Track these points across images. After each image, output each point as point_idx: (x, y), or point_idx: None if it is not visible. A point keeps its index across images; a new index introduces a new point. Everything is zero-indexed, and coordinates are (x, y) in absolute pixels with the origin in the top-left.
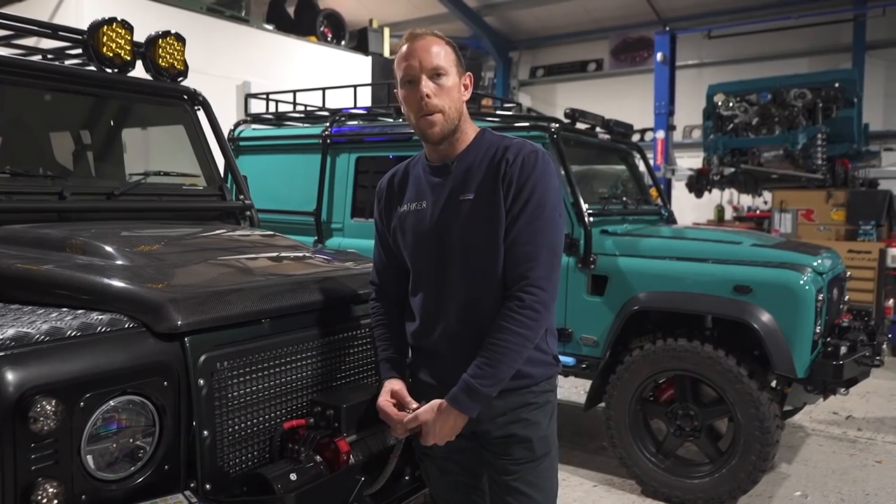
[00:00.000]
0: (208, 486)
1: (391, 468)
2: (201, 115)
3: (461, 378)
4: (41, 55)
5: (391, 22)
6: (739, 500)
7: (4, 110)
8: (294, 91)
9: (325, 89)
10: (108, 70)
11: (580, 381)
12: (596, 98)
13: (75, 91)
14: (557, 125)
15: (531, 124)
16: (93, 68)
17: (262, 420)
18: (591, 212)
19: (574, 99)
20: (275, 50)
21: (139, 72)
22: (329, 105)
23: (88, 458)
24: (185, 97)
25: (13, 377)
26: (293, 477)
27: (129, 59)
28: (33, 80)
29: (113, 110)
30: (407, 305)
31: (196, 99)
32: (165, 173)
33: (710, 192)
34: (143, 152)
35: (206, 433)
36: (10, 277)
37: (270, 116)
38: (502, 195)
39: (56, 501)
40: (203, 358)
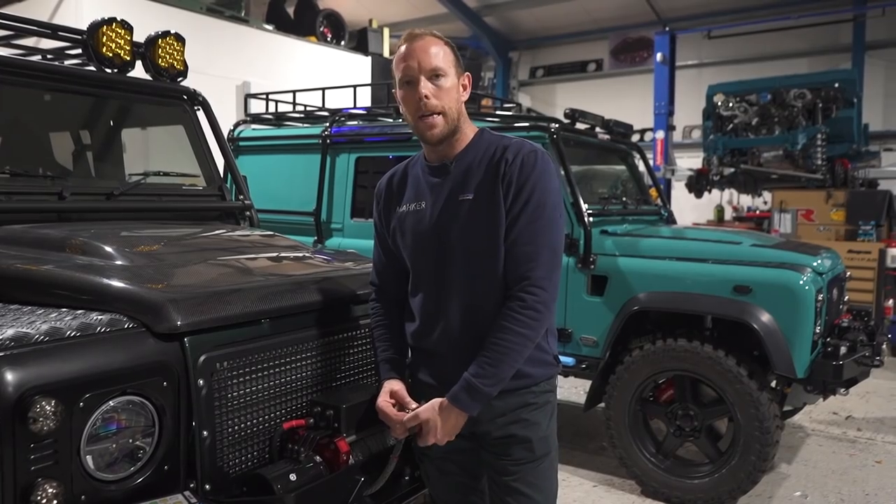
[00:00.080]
0: (208, 486)
1: (391, 469)
2: (201, 115)
3: (462, 377)
4: (41, 55)
5: (391, 22)
6: (739, 500)
7: (4, 110)
8: (294, 91)
9: (324, 89)
10: (108, 70)
11: (580, 381)
12: (596, 98)
13: (75, 91)
14: (557, 125)
15: (531, 124)
16: (92, 68)
17: (262, 420)
18: (591, 212)
19: (574, 99)
20: (274, 50)
21: (139, 72)
22: (329, 105)
23: (88, 458)
24: (184, 97)
25: (13, 377)
26: (293, 477)
27: (128, 59)
28: (33, 80)
29: (112, 110)
30: (407, 306)
31: (196, 99)
32: (165, 173)
33: (710, 192)
34: (142, 152)
35: (205, 433)
36: (9, 277)
37: (270, 116)
38: (502, 195)
39: (56, 502)
40: (203, 358)
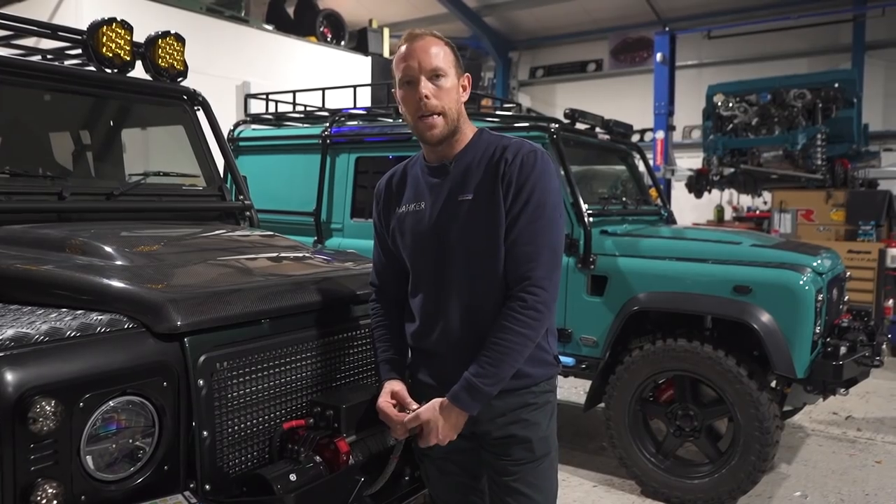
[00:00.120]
0: (208, 486)
1: (391, 469)
2: (201, 115)
3: (463, 376)
4: (41, 55)
5: (391, 22)
6: (739, 500)
7: (4, 110)
8: (294, 91)
9: (324, 89)
10: (108, 70)
11: (580, 382)
12: (595, 98)
13: (75, 91)
14: (557, 125)
15: (531, 124)
16: (92, 68)
17: (262, 420)
18: (591, 212)
19: (574, 99)
20: (274, 50)
21: (139, 72)
22: (329, 105)
23: (88, 458)
24: (184, 97)
25: (12, 377)
26: (293, 477)
27: (128, 59)
28: (33, 80)
29: (112, 110)
30: (406, 306)
31: (196, 99)
32: (165, 173)
33: (710, 192)
34: (142, 152)
35: (205, 433)
36: (9, 278)
37: (270, 117)
38: (501, 195)
39: (55, 502)
40: (203, 358)
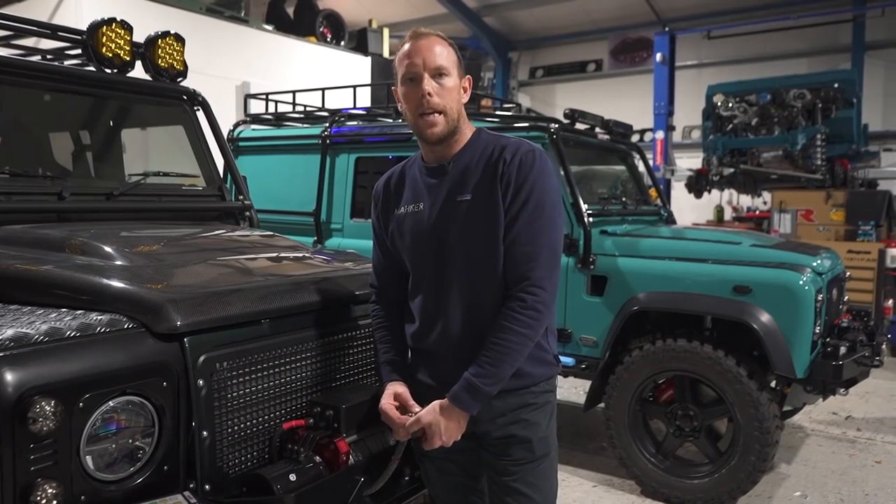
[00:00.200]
0: (208, 486)
1: (392, 470)
2: (201, 115)
3: (462, 376)
4: (41, 55)
5: (390, 22)
6: (739, 500)
7: (4, 110)
8: (293, 91)
9: (324, 90)
10: (108, 70)
11: (580, 382)
12: (595, 98)
13: (75, 91)
14: (557, 125)
15: (530, 125)
16: (92, 69)
17: (262, 420)
18: (591, 212)
19: (573, 99)
20: (274, 50)
21: (138, 72)
22: (328, 105)
23: (88, 458)
24: (184, 97)
25: (12, 378)
26: (292, 477)
27: (128, 59)
28: (33, 80)
29: (112, 111)
30: (406, 307)
31: (195, 99)
32: (165, 174)
33: (710, 192)
34: (142, 153)
35: (205, 434)
36: (9, 278)
37: (270, 117)
38: (500, 195)
39: (55, 502)
40: (202, 358)
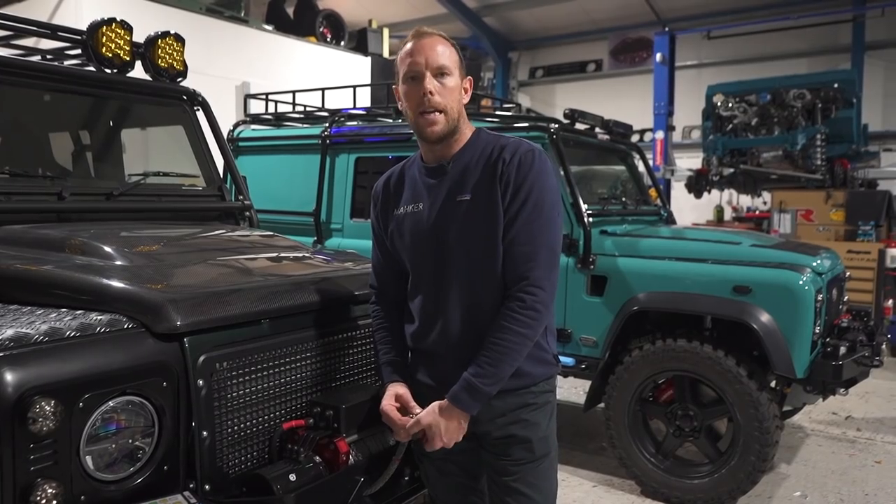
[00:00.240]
0: (207, 486)
1: (392, 470)
2: (200, 115)
3: (462, 376)
4: (41, 55)
5: (390, 22)
6: (739, 500)
7: (4, 110)
8: (293, 91)
9: (324, 90)
10: (108, 70)
11: (580, 382)
12: (595, 98)
13: (74, 91)
14: (557, 126)
15: (530, 125)
16: (92, 69)
17: (262, 421)
18: (591, 212)
19: (573, 99)
20: (274, 50)
21: (138, 72)
22: (328, 105)
23: (87, 458)
24: (184, 98)
25: (12, 378)
26: (292, 477)
27: (128, 59)
28: (33, 80)
29: (112, 111)
30: (406, 308)
31: (195, 99)
32: (165, 174)
33: (710, 192)
34: (142, 153)
35: (205, 434)
36: (9, 278)
37: (270, 117)
38: (500, 194)
39: (55, 502)
40: (202, 358)
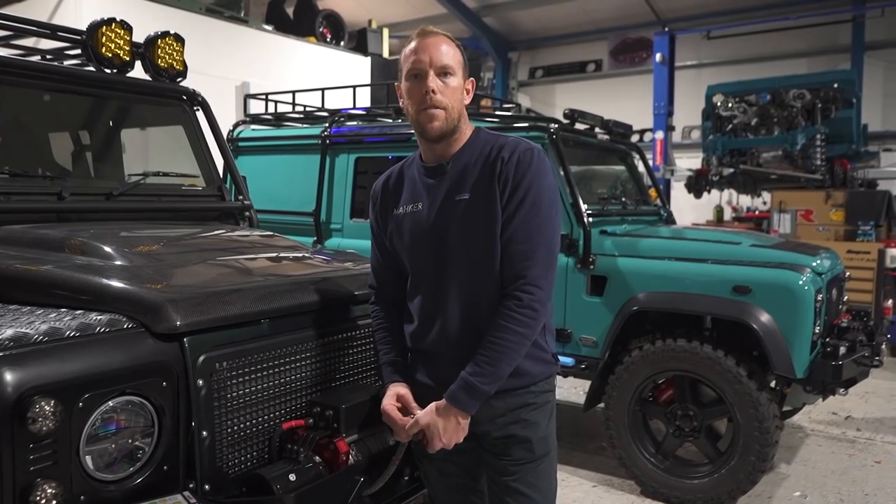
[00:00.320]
0: (207, 486)
1: (392, 470)
2: (200, 115)
3: (460, 376)
4: (40, 55)
5: (390, 23)
6: (739, 500)
7: (4, 110)
8: (293, 91)
9: (324, 90)
10: (107, 70)
11: (580, 382)
12: (595, 98)
13: (74, 91)
14: (556, 126)
15: (530, 125)
16: (92, 69)
17: (262, 420)
18: (591, 212)
19: (573, 99)
20: (274, 50)
21: (138, 72)
22: (328, 105)
23: (87, 458)
24: (184, 98)
25: (12, 378)
26: (292, 477)
27: (128, 59)
28: (32, 80)
29: (112, 111)
30: (405, 307)
31: (195, 99)
32: (164, 174)
33: (709, 192)
34: (142, 153)
35: (205, 434)
36: (9, 278)
37: (269, 117)
38: (498, 193)
39: (55, 502)
40: (202, 358)
